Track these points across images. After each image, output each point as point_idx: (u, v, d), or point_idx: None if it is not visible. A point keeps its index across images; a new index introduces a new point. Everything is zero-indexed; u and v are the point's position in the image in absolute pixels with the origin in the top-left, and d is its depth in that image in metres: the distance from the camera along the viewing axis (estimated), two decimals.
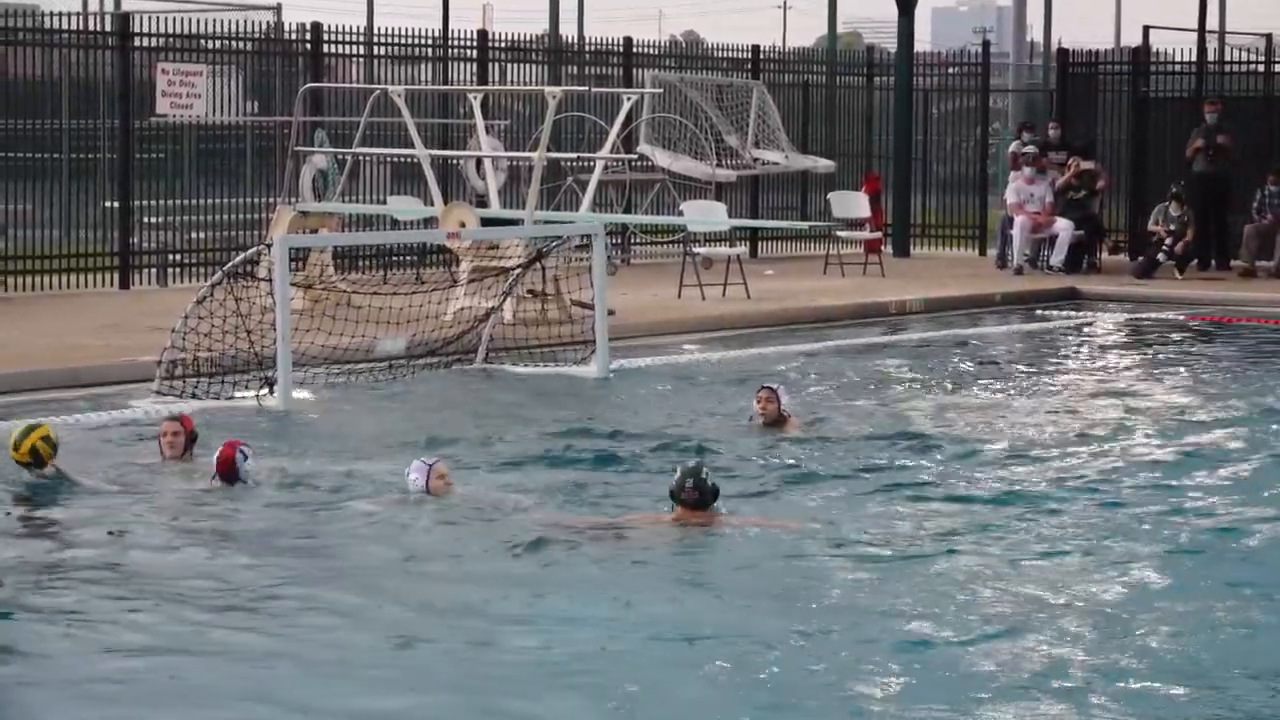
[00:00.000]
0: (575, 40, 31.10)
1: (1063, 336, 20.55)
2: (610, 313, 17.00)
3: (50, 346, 16.73)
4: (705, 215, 24.40)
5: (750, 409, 13.51)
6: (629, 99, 21.16)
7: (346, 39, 25.02)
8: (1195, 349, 19.32)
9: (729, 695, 7.52)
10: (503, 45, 26.89)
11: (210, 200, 23.84)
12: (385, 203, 23.60)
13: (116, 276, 22.44)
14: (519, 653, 8.08)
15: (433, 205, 20.25)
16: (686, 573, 9.47)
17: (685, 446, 12.61)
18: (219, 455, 11.03)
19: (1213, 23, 38.66)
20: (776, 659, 7.91)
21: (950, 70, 32.26)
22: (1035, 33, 51.98)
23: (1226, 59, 32.54)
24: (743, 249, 24.97)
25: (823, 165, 27.49)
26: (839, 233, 26.38)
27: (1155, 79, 28.82)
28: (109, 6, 32.83)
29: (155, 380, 14.51)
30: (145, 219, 23.14)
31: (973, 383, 16.49)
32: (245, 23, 24.65)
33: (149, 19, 23.31)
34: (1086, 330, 21.20)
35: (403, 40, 25.57)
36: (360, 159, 22.56)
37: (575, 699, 7.48)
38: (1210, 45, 35.51)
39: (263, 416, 13.84)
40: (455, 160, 23.83)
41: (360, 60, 25.67)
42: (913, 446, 12.89)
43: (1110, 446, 13.08)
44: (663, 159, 24.77)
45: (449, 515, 10.48)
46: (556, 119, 20.45)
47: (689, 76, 26.66)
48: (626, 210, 25.86)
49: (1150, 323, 21.59)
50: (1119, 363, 18.20)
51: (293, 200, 20.73)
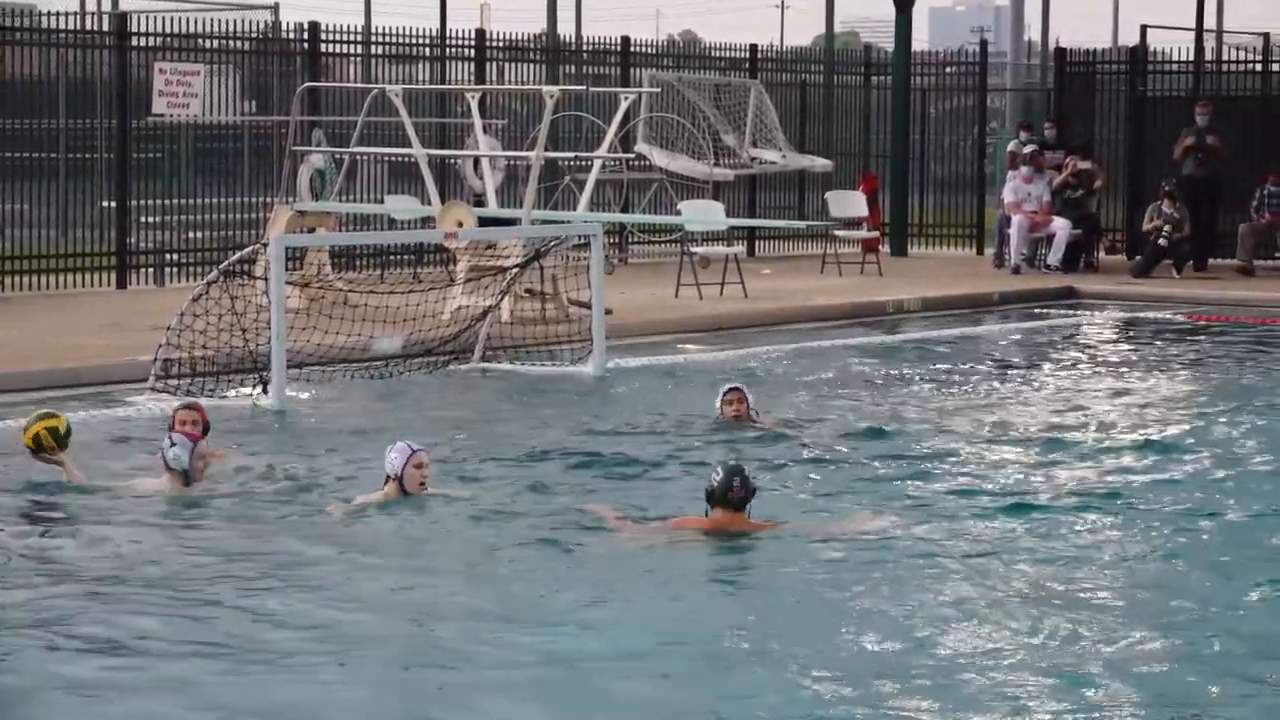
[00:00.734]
0: (573, 40, 31.08)
1: (1060, 335, 20.52)
2: (608, 312, 16.97)
3: (48, 346, 16.69)
4: (703, 215, 24.36)
5: (715, 410, 13.26)
6: (626, 98, 21.12)
7: (344, 38, 25.00)
8: (1192, 347, 19.28)
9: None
10: (500, 45, 26.87)
11: (207, 200, 23.83)
12: (383, 202, 23.57)
13: (114, 276, 22.41)
14: (528, 651, 8.00)
15: (430, 205, 20.22)
16: (729, 577, 9.38)
17: (680, 445, 12.60)
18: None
19: (1210, 22, 38.63)
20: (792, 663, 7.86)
21: (948, 69, 32.26)
22: (1033, 32, 52.05)
23: (1224, 59, 32.56)
24: (740, 248, 24.93)
25: (820, 164, 27.47)
26: (836, 232, 26.34)
27: (1153, 78, 28.80)
28: (106, 6, 32.81)
29: (150, 378, 14.50)
30: (142, 218, 23.12)
31: (967, 382, 16.44)
32: (243, 22, 24.64)
33: (146, 18, 23.28)
34: (1084, 329, 21.17)
35: (400, 40, 25.55)
36: (358, 158, 22.54)
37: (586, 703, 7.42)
38: (1208, 45, 35.53)
39: (257, 415, 13.81)
40: (453, 160, 23.81)
41: (358, 60, 25.65)
42: (897, 445, 12.85)
43: (1104, 444, 13.04)
44: (660, 158, 24.75)
45: (432, 515, 10.40)
46: (554, 118, 20.42)
47: (687, 76, 26.64)
48: (624, 210, 25.83)
49: (1147, 321, 21.57)
50: (1116, 361, 18.15)
51: (290, 200, 20.71)
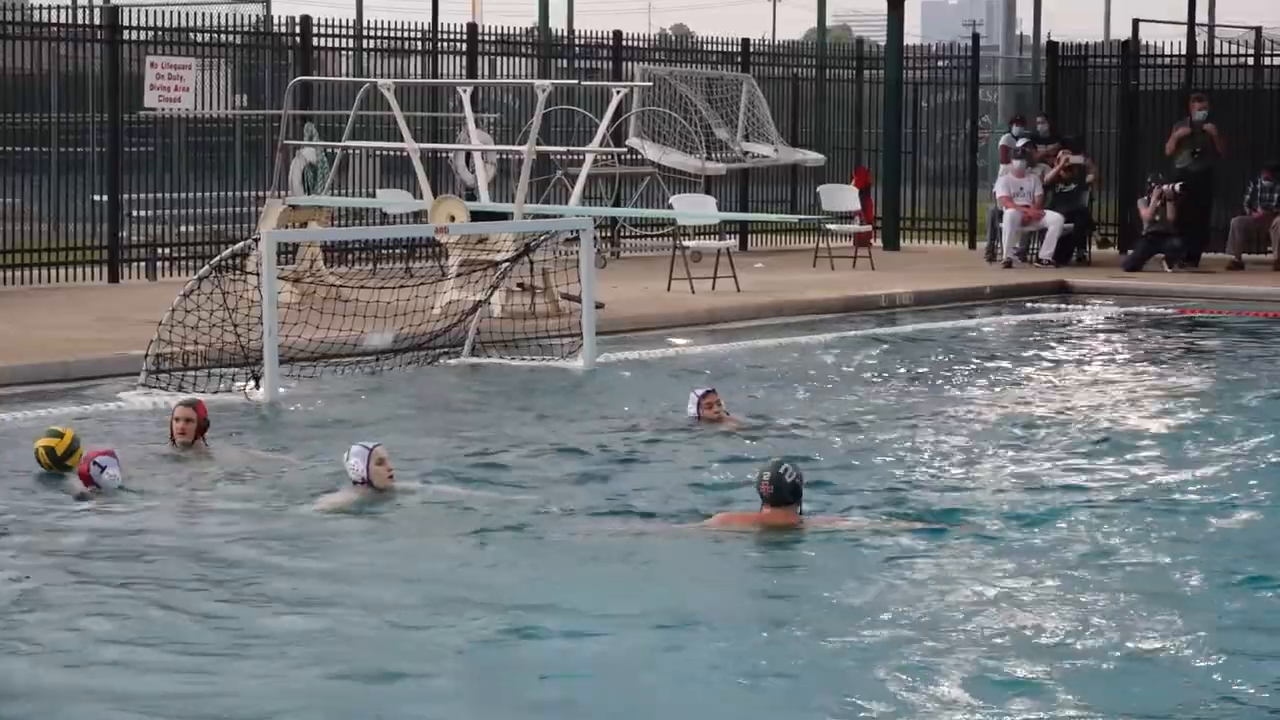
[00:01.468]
0: (565, 34, 31.01)
1: (1052, 329, 20.47)
2: (599, 306, 16.90)
3: (40, 340, 16.60)
4: (695, 208, 24.31)
5: (689, 409, 13.04)
6: (618, 92, 21.05)
7: (336, 32, 24.92)
8: (1184, 341, 19.26)
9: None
10: (492, 39, 26.79)
11: (199, 194, 23.76)
12: (375, 196, 23.49)
13: (106, 270, 22.33)
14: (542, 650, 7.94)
15: (422, 198, 20.15)
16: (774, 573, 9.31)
17: (668, 440, 12.53)
18: (78, 472, 10.62)
19: (1202, 16, 38.57)
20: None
21: (940, 63, 32.19)
22: (1025, 26, 51.88)
23: (1216, 52, 32.50)
24: (732, 242, 24.84)
25: (812, 159, 27.39)
26: (829, 226, 26.28)
27: (1145, 72, 28.74)
28: (98, 0, 32.71)
29: (142, 373, 14.43)
30: (134, 213, 23.05)
31: (958, 375, 16.39)
32: (234, 16, 24.57)
33: (138, 12, 23.19)
34: (1076, 323, 21.12)
35: (392, 33, 25.46)
36: (350, 152, 22.46)
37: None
38: (1200, 39, 35.49)
39: (248, 409, 13.74)
40: (445, 154, 23.75)
41: (349, 53, 25.57)
42: (880, 439, 12.81)
43: (1096, 437, 12.99)
44: (652, 152, 24.68)
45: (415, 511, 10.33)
46: (546, 112, 20.35)
47: (679, 70, 26.57)
48: (616, 204, 25.77)
49: (1139, 315, 21.53)
50: (1108, 354, 18.13)
51: (282, 194, 20.63)
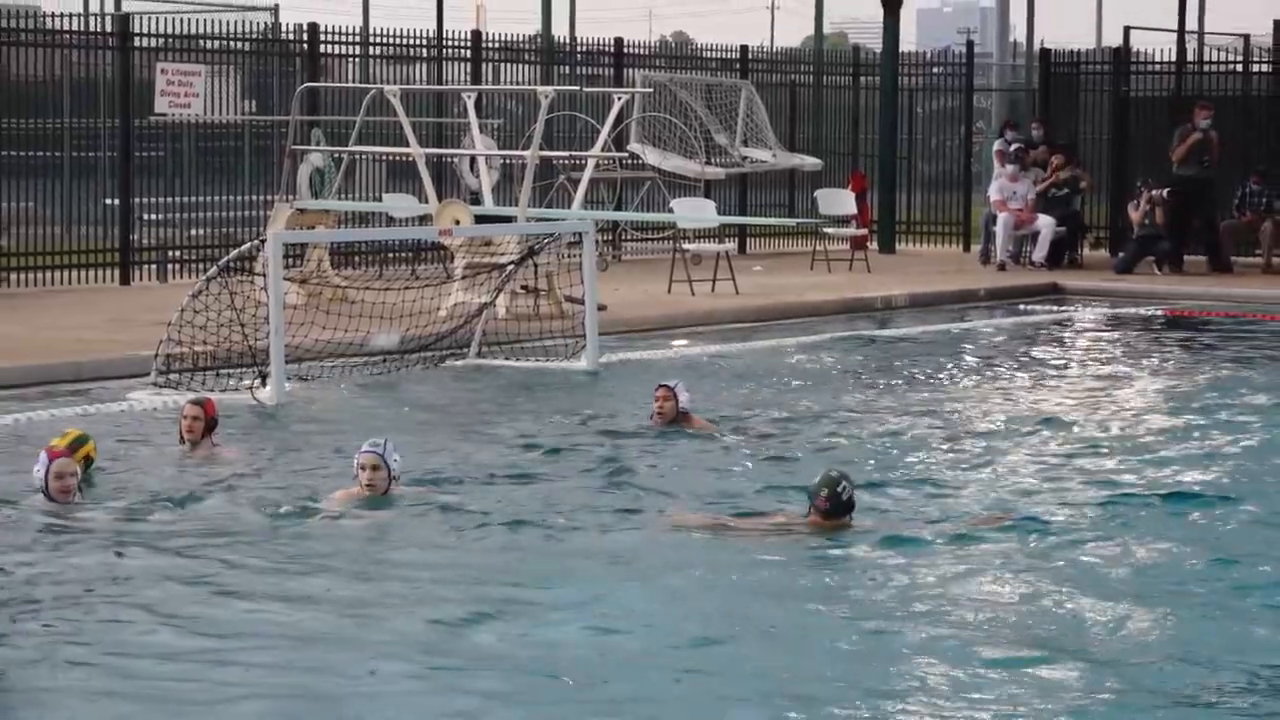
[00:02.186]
0: (567, 41, 31.01)
1: (1045, 330, 20.50)
2: (601, 308, 16.93)
3: (52, 341, 16.65)
4: (695, 212, 24.35)
5: (651, 407, 12.96)
6: (620, 98, 21.09)
7: (342, 39, 24.95)
8: (1174, 341, 19.27)
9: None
10: (496, 45, 26.82)
11: (209, 198, 23.80)
12: (381, 200, 23.52)
13: (117, 273, 22.38)
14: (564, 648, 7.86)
15: (428, 202, 20.18)
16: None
17: (669, 440, 12.56)
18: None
19: (1192, 23, 38.59)
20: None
21: (935, 70, 32.23)
22: (1018, 33, 51.91)
23: (1206, 59, 32.53)
24: (731, 245, 24.89)
25: (809, 163, 27.41)
26: (826, 229, 26.31)
27: (1136, 79, 28.77)
28: (109, 7, 32.73)
29: (152, 373, 14.47)
30: (145, 216, 23.09)
31: (953, 376, 16.43)
32: (243, 23, 24.64)
33: (148, 20, 23.25)
34: (1068, 324, 21.15)
35: (398, 41, 25.50)
36: (356, 157, 22.49)
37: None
38: (1190, 45, 35.51)
39: (255, 409, 13.76)
40: (450, 158, 23.77)
41: (356, 60, 25.59)
42: (878, 439, 12.82)
43: (1089, 435, 13.04)
44: (653, 157, 24.69)
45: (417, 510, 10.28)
46: (549, 118, 20.38)
47: (679, 76, 26.58)
48: (618, 207, 25.80)
49: (1130, 317, 21.56)
50: (1100, 354, 18.14)
51: (290, 198, 20.67)
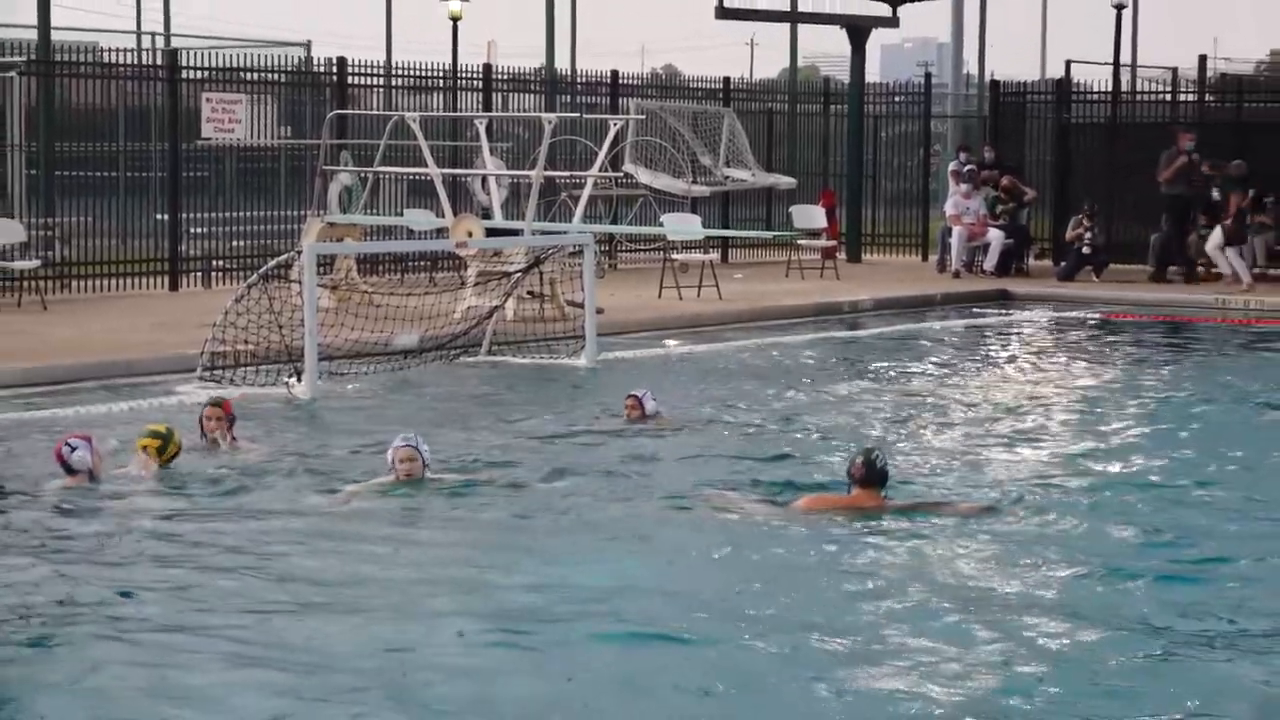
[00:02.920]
0: (569, 73, 31.03)
1: (995, 331, 20.55)
2: (599, 311, 16.96)
3: (108, 341, 16.69)
4: (682, 226, 24.41)
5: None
6: (615, 124, 21.12)
7: (368, 71, 24.99)
8: (1111, 341, 19.32)
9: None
10: (505, 77, 26.86)
11: (249, 213, 23.81)
12: (402, 215, 23.53)
13: (167, 280, 22.40)
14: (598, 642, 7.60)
15: (444, 217, 20.21)
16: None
17: (660, 429, 12.59)
18: (54, 452, 10.36)
19: (1126, 57, 38.65)
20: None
21: (896, 99, 32.25)
22: (971, 66, 51.86)
23: (1139, 89, 32.58)
24: (715, 255, 24.88)
25: (785, 182, 27.41)
26: (799, 241, 26.38)
27: (1076, 106, 28.79)
28: (160, 44, 32.75)
29: (198, 369, 14.52)
30: (192, 229, 23.11)
31: (910, 371, 16.47)
32: (279, 57, 24.62)
33: (195, 54, 23.31)
34: (1015, 326, 21.19)
35: (418, 73, 25.53)
36: (380, 177, 22.51)
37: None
38: (1124, 77, 35.56)
39: (290, 402, 13.82)
40: (463, 178, 23.78)
41: (380, 90, 25.62)
42: (844, 431, 12.83)
43: (1033, 431, 13.03)
44: (645, 177, 24.69)
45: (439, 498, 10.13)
46: (552, 142, 20.40)
47: (668, 104, 26.59)
48: (613, 221, 25.82)
49: (1071, 320, 21.61)
50: (1044, 354, 18.18)
51: (321, 213, 20.69)
